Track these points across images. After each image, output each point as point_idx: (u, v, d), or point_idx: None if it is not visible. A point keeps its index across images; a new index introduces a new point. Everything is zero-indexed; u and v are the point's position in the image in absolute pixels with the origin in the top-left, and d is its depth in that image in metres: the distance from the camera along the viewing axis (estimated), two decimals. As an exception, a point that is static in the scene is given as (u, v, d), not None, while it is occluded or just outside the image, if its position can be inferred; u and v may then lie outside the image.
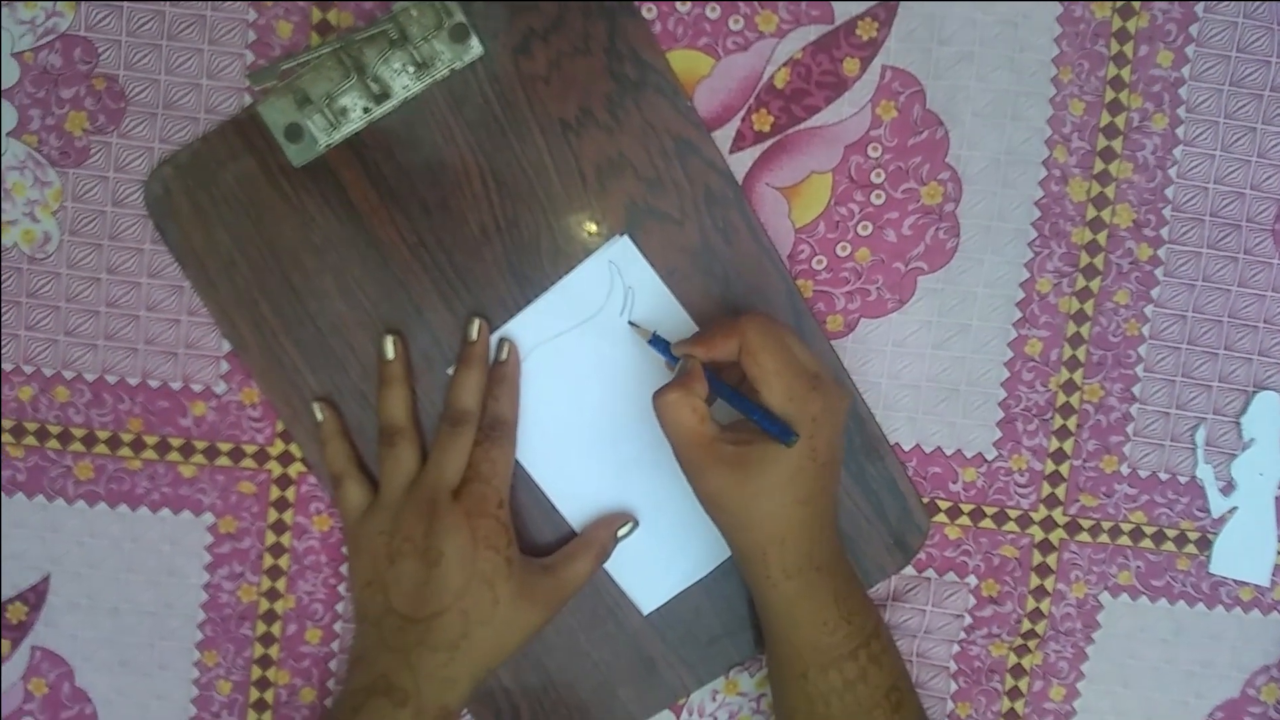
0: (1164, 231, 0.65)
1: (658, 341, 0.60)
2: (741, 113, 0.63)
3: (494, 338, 0.62)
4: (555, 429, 0.63)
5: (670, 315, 0.62)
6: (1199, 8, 0.63)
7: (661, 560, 0.64)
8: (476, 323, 0.62)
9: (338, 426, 0.62)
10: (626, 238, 0.62)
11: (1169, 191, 0.64)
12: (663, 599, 0.64)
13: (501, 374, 0.62)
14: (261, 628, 0.65)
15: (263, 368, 0.63)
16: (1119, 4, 0.63)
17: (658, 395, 0.55)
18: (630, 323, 0.62)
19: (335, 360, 0.63)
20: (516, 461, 0.63)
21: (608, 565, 0.64)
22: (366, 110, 0.61)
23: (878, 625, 0.58)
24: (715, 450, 0.55)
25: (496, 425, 0.60)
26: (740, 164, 0.63)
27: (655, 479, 0.63)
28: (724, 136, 0.63)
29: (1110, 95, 0.64)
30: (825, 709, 0.56)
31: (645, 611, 0.64)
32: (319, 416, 0.62)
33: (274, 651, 0.65)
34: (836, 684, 0.56)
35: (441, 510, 0.58)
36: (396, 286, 0.62)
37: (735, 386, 0.56)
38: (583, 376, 0.63)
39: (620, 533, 0.63)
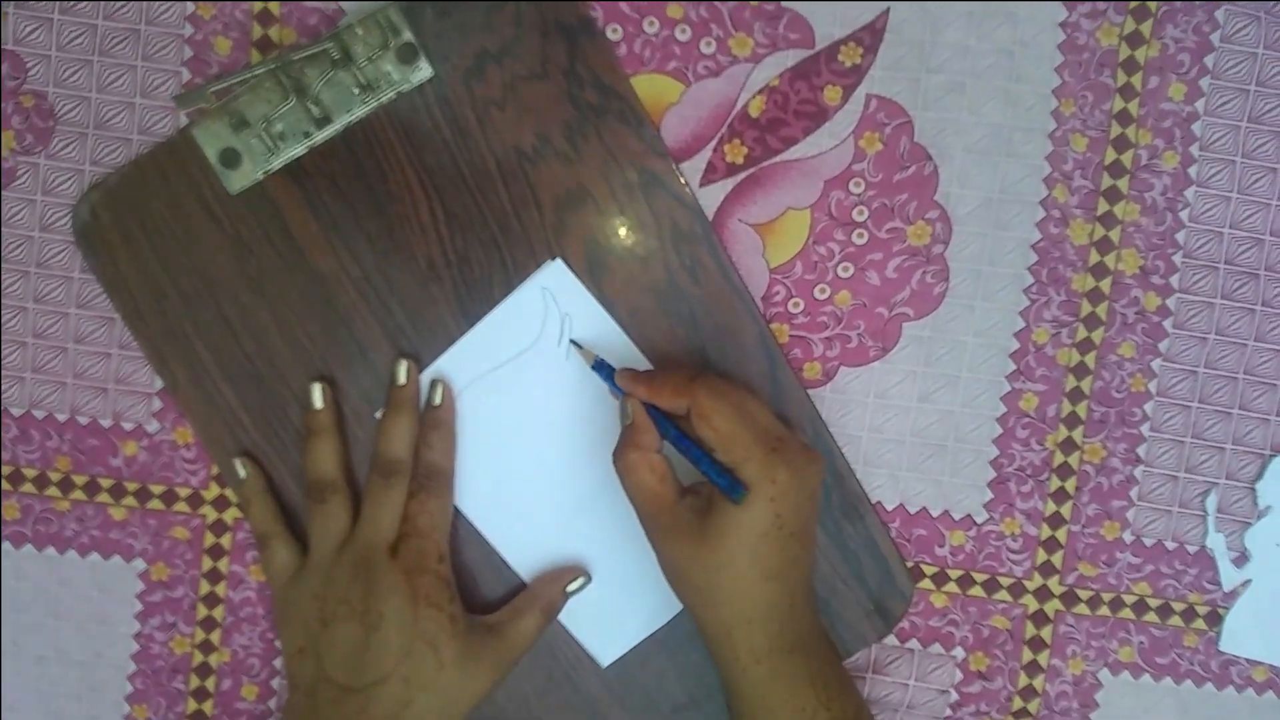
0: (1174, 279, 0.60)
1: (601, 367, 0.57)
2: (713, 143, 0.59)
3: (424, 378, 0.59)
4: (496, 472, 0.60)
5: (612, 341, 0.59)
6: (1215, 36, 0.58)
7: (619, 607, 0.61)
8: (404, 364, 0.58)
9: (261, 484, 0.59)
10: (559, 261, 0.58)
11: (1180, 236, 0.60)
12: (622, 650, 0.61)
13: (435, 419, 0.58)
14: (195, 681, 0.62)
15: (196, 408, 0.59)
16: (1127, 31, 0.58)
17: (616, 457, 0.53)
18: (572, 341, 0.59)
19: (273, 401, 0.59)
20: (456, 510, 0.59)
21: (562, 617, 0.60)
22: (307, 134, 0.57)
23: (859, 710, 0.54)
24: (675, 515, 0.52)
25: (432, 474, 0.57)
26: (711, 198, 0.60)
27: (607, 520, 0.60)
28: (693, 169, 0.59)
29: (1116, 130, 0.59)
30: None
31: (604, 664, 0.61)
32: (241, 473, 0.59)
33: (208, 707, 0.62)
34: None
35: (378, 569, 0.54)
36: (338, 324, 0.59)
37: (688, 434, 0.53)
38: (522, 413, 0.59)
39: (570, 588, 0.60)
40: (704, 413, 0.51)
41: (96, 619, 0.62)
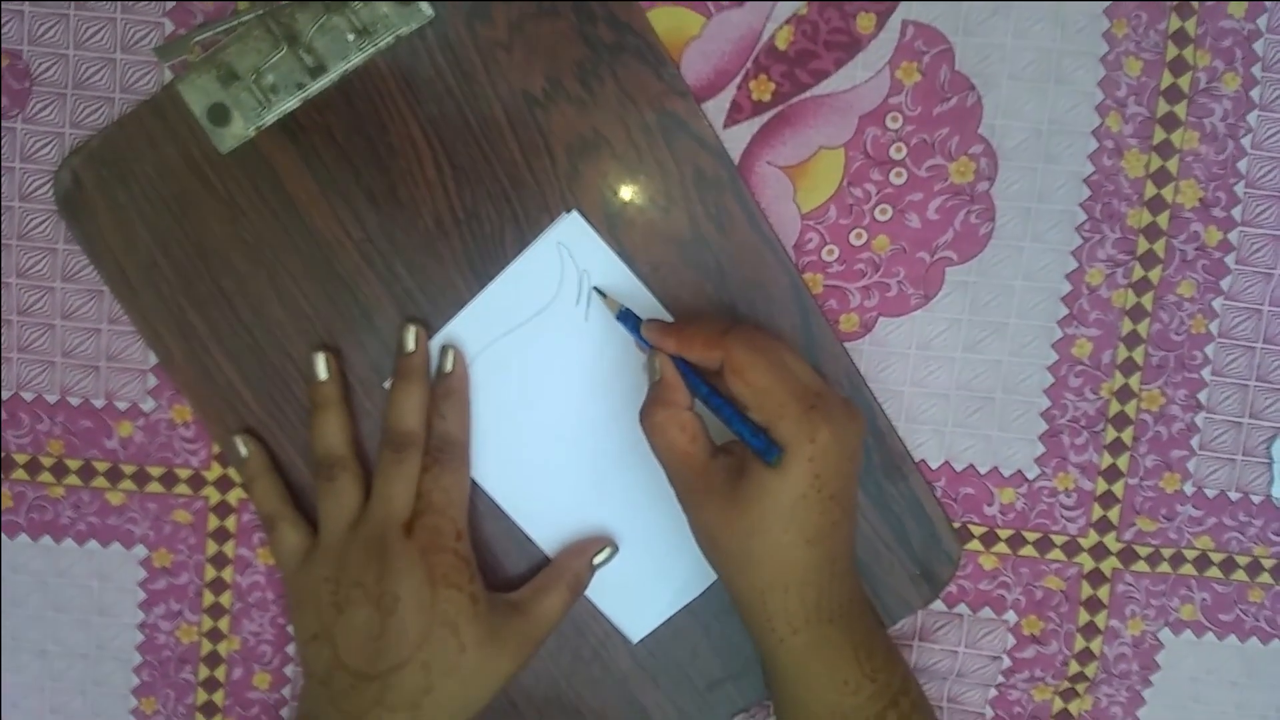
0: (1235, 212, 0.57)
1: (627, 317, 0.54)
2: (737, 80, 0.56)
3: (434, 344, 0.56)
4: (514, 441, 0.58)
5: (634, 297, 0.56)
6: (1279, -55, 0.55)
7: (648, 579, 0.59)
8: (413, 330, 0.56)
9: (265, 463, 0.57)
10: (575, 213, 0.56)
11: (1241, 165, 0.57)
12: (653, 624, 0.59)
13: (448, 387, 0.56)
14: (204, 671, 0.60)
15: (193, 384, 0.57)
16: (1183, -57, 0.55)
17: (643, 416, 0.51)
18: (595, 289, 0.56)
19: (275, 373, 0.57)
20: (473, 483, 0.57)
21: (589, 592, 0.58)
22: (300, 86, 0.54)
23: (905, 679, 0.52)
24: (708, 477, 0.50)
25: (446, 446, 0.55)
26: (736, 140, 0.57)
27: (634, 487, 0.58)
28: (716, 108, 0.57)
29: (1173, 52, 0.56)
30: None
31: (634, 639, 0.59)
32: (243, 452, 0.56)
33: (219, 698, 0.60)
34: None
35: (393, 549, 0.52)
36: (341, 289, 0.56)
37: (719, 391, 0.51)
38: (540, 378, 0.57)
39: (596, 560, 0.57)
40: (738, 367, 0.49)
41: (98, 610, 0.60)
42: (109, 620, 0.60)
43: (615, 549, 0.58)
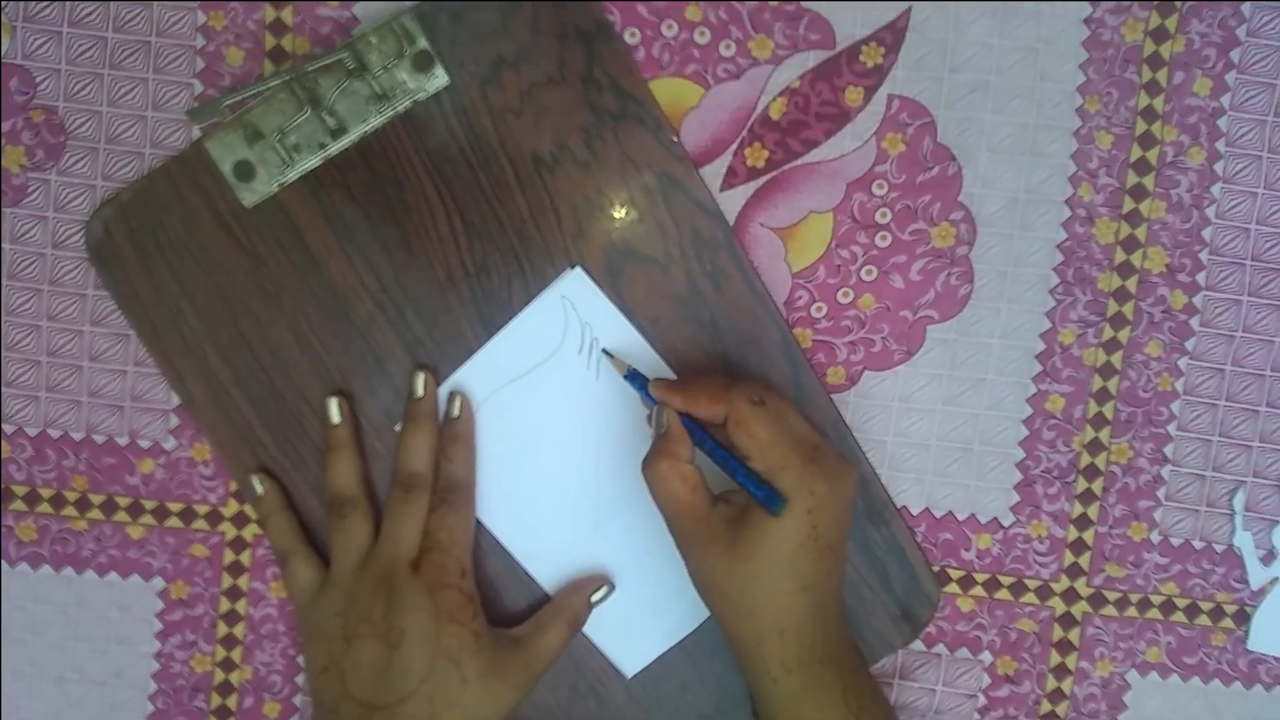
0: (1200, 277, 0.60)
1: (634, 377, 0.56)
2: (733, 147, 0.58)
3: (442, 390, 0.58)
4: (517, 484, 0.59)
5: (634, 349, 0.58)
6: (1241, 30, 0.58)
7: (643, 616, 0.60)
8: (422, 376, 0.57)
9: (280, 500, 0.58)
10: (579, 269, 0.58)
11: (1206, 233, 0.59)
12: (647, 659, 0.60)
13: (454, 432, 0.57)
14: (216, 700, 0.62)
15: (213, 424, 0.59)
16: (1152, 26, 0.57)
17: (646, 466, 0.52)
18: (605, 351, 0.58)
19: (291, 416, 0.58)
20: (478, 523, 0.59)
21: (586, 628, 0.60)
22: (322, 146, 0.56)
23: (889, 718, 0.54)
24: (708, 526, 0.51)
25: (452, 488, 0.56)
26: (732, 203, 0.59)
27: (630, 529, 0.59)
28: (713, 173, 0.59)
29: (1142, 127, 0.59)
30: None
31: (629, 674, 0.60)
32: (259, 490, 0.58)
33: (230, 725, 0.62)
34: None
35: (400, 585, 0.54)
36: (356, 337, 0.58)
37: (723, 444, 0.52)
38: (542, 424, 0.59)
39: (594, 598, 0.59)
40: (742, 420, 0.50)
41: (116, 639, 0.61)
42: (126, 649, 0.61)
43: (612, 587, 0.59)
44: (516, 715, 0.59)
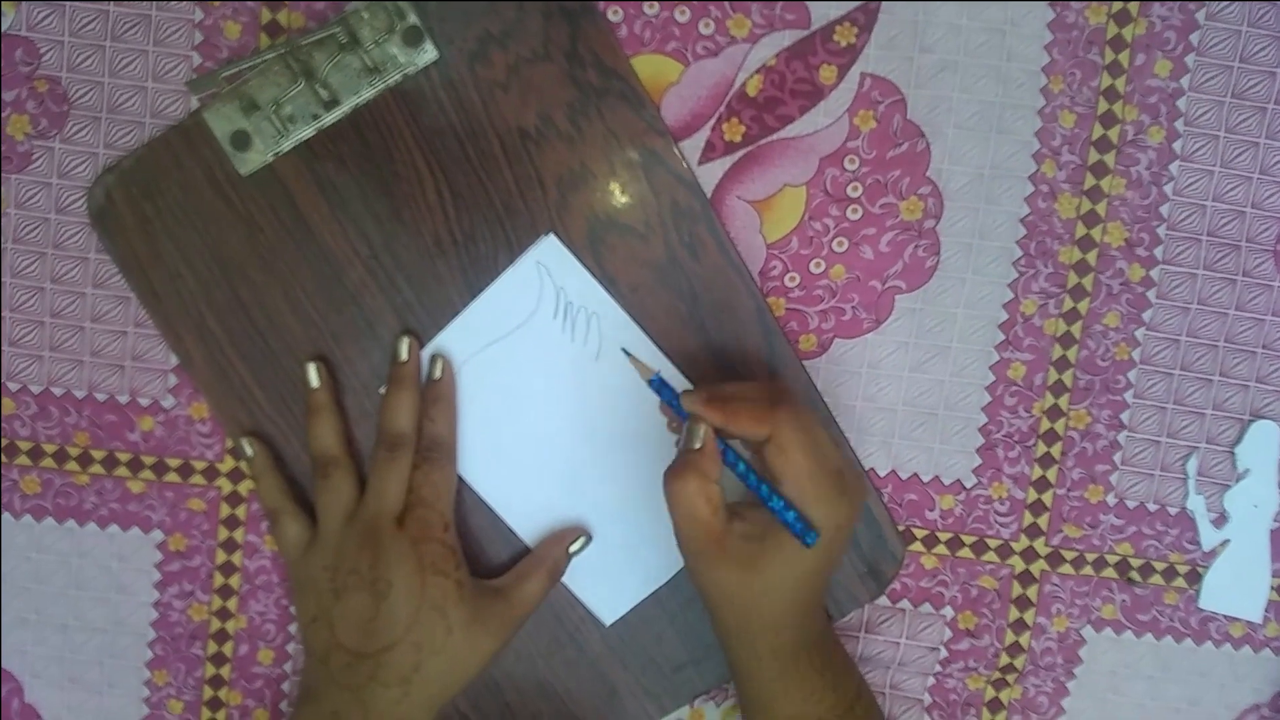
0: (1158, 251, 0.62)
1: (661, 385, 0.55)
2: (711, 122, 0.60)
3: (425, 353, 0.60)
4: (497, 442, 0.61)
5: (605, 312, 0.60)
6: (1200, 14, 0.60)
7: (619, 567, 0.62)
8: (406, 341, 0.59)
9: (269, 461, 0.60)
10: (553, 236, 0.59)
11: (1164, 209, 0.61)
12: (624, 608, 0.62)
13: (436, 393, 0.59)
14: (213, 647, 0.64)
15: (210, 383, 0.61)
16: (1115, 9, 0.59)
17: (670, 477, 0.51)
18: (625, 352, 0.59)
19: (285, 375, 0.61)
20: (461, 480, 0.61)
21: (565, 579, 0.62)
22: (315, 117, 0.58)
23: (860, 687, 0.57)
24: (723, 544, 0.51)
25: (435, 446, 0.58)
26: (709, 176, 0.61)
27: (605, 483, 0.61)
28: (692, 147, 0.60)
29: (1104, 107, 0.60)
30: None
31: (607, 622, 0.62)
32: (249, 452, 0.60)
33: (226, 672, 0.64)
34: None
35: (386, 539, 0.56)
36: (348, 301, 0.60)
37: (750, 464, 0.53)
38: (520, 385, 0.61)
39: (572, 549, 0.61)
40: (784, 445, 0.50)
41: (117, 588, 0.63)
42: (126, 598, 0.63)
43: (589, 538, 0.61)
44: (499, 665, 0.62)
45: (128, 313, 0.61)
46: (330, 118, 0.58)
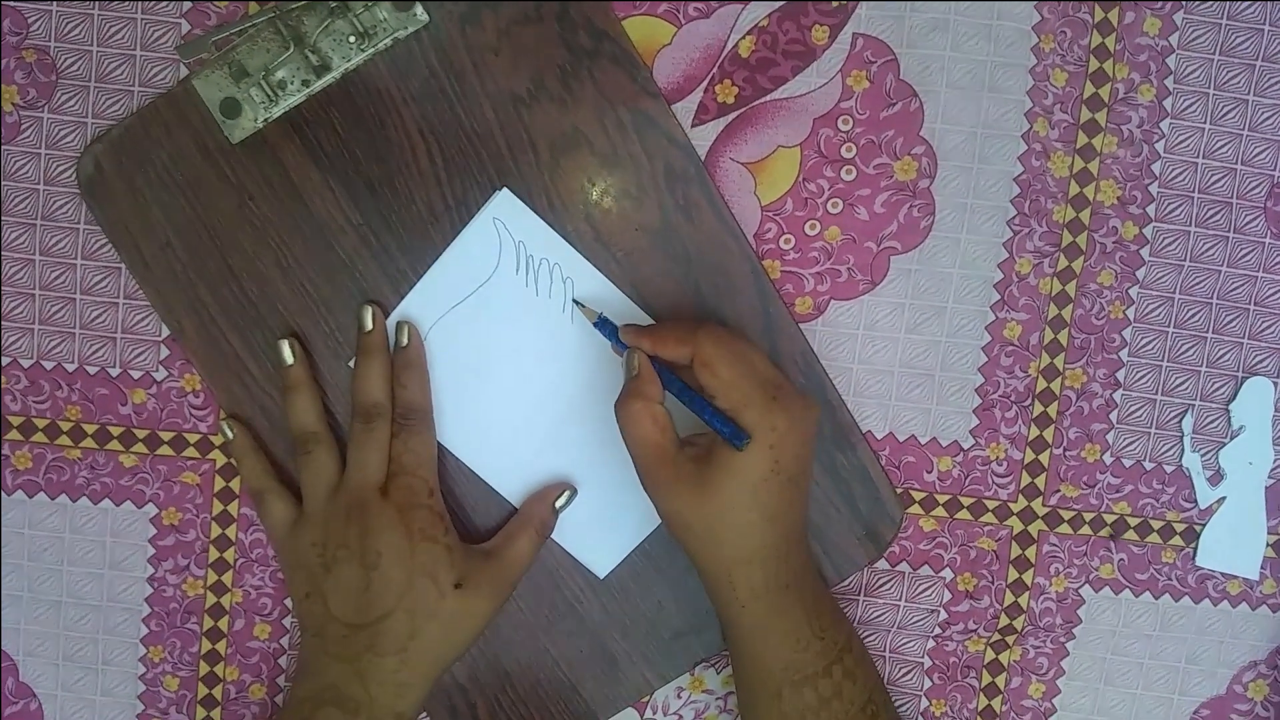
0: (1150, 209, 0.62)
1: (604, 324, 0.58)
2: (704, 84, 0.60)
3: (390, 322, 0.60)
4: (474, 404, 0.61)
5: (566, 261, 0.60)
6: (1189, -29, 0.60)
7: (608, 518, 0.62)
8: (369, 310, 0.59)
9: (249, 442, 0.60)
10: (506, 190, 0.59)
11: (1156, 167, 0.62)
12: (616, 559, 0.62)
13: (406, 359, 0.59)
14: (208, 622, 0.63)
15: (202, 354, 0.61)
16: (1104, -33, 0.60)
17: (620, 405, 0.54)
18: (575, 301, 0.59)
19: (277, 346, 0.60)
20: (441, 446, 0.61)
21: (556, 535, 0.62)
22: (306, 83, 0.58)
23: (850, 637, 0.57)
24: (676, 466, 0.53)
25: (410, 413, 0.58)
26: (703, 138, 0.61)
27: (586, 435, 0.61)
28: (685, 109, 0.60)
29: (1094, 65, 0.61)
30: None
31: (601, 574, 0.62)
32: (229, 434, 0.60)
33: (222, 647, 0.64)
34: (811, 702, 0.54)
35: (372, 509, 0.56)
36: (340, 269, 0.60)
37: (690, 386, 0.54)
38: (491, 345, 0.61)
39: (558, 504, 0.61)
40: (707, 360, 0.52)
41: (110, 564, 0.63)
42: (120, 574, 0.63)
43: (574, 492, 0.61)
44: (499, 634, 0.62)
45: (118, 284, 0.61)
46: (321, 84, 0.58)
